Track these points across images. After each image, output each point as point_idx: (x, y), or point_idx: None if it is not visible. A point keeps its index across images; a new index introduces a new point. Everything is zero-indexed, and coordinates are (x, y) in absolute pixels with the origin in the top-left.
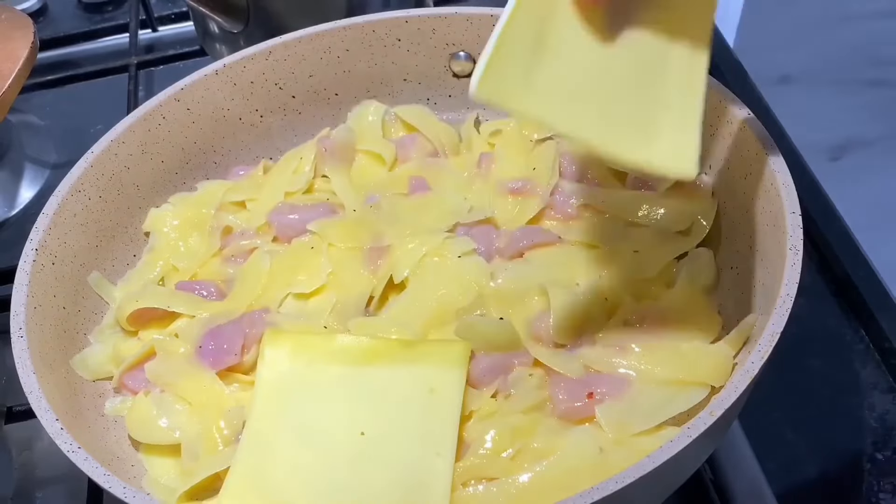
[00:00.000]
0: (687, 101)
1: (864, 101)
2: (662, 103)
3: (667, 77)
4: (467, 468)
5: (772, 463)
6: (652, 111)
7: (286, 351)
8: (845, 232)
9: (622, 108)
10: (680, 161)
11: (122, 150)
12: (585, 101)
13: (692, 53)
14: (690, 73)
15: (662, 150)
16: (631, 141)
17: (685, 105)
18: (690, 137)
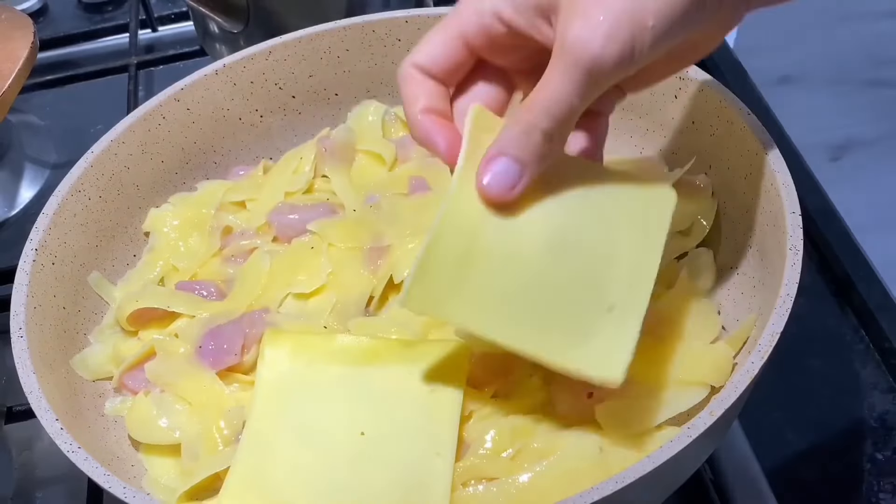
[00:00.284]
0: (631, 299)
1: (864, 101)
2: (602, 304)
3: (611, 274)
4: (467, 468)
5: (772, 463)
6: (589, 313)
7: (286, 351)
8: (845, 232)
9: (556, 311)
10: (607, 368)
11: (122, 150)
12: (516, 306)
13: (643, 246)
14: (639, 269)
15: (592, 354)
16: (560, 344)
17: (628, 305)
18: (625, 342)
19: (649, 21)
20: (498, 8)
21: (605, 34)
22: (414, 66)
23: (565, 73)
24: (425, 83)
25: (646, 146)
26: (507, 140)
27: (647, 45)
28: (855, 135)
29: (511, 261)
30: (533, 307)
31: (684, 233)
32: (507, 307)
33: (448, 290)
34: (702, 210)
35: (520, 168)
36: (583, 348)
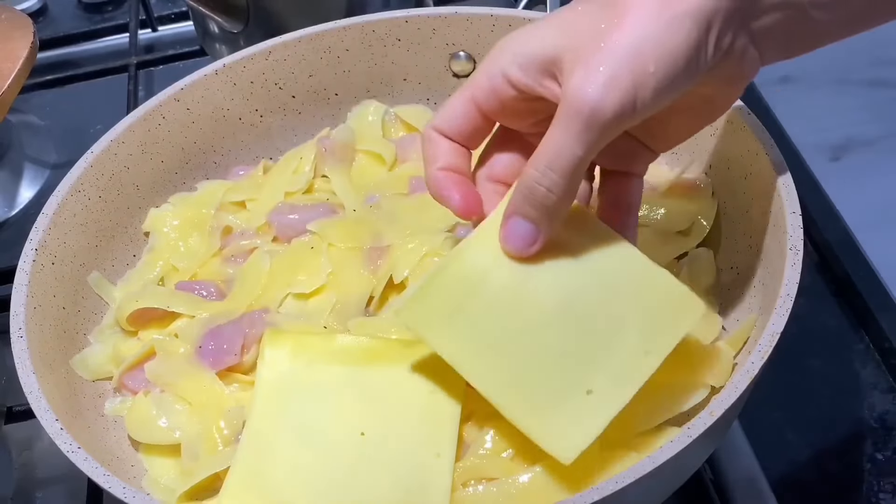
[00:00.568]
0: (612, 393)
1: (864, 101)
2: (582, 385)
3: (602, 360)
4: (467, 468)
5: (772, 463)
6: (566, 388)
7: (286, 351)
8: (845, 232)
9: (535, 375)
10: (562, 447)
11: (121, 150)
12: (499, 355)
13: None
14: (632, 368)
15: (553, 429)
16: (526, 408)
17: (606, 397)
18: (589, 431)
19: (650, 67)
20: (506, 70)
21: (605, 83)
22: (434, 129)
23: (566, 124)
24: (444, 144)
25: None
26: (519, 200)
27: (649, 93)
28: (855, 135)
29: (511, 311)
30: (514, 362)
31: (684, 233)
32: (491, 353)
33: (442, 318)
34: (702, 210)
35: (533, 227)
36: (547, 420)
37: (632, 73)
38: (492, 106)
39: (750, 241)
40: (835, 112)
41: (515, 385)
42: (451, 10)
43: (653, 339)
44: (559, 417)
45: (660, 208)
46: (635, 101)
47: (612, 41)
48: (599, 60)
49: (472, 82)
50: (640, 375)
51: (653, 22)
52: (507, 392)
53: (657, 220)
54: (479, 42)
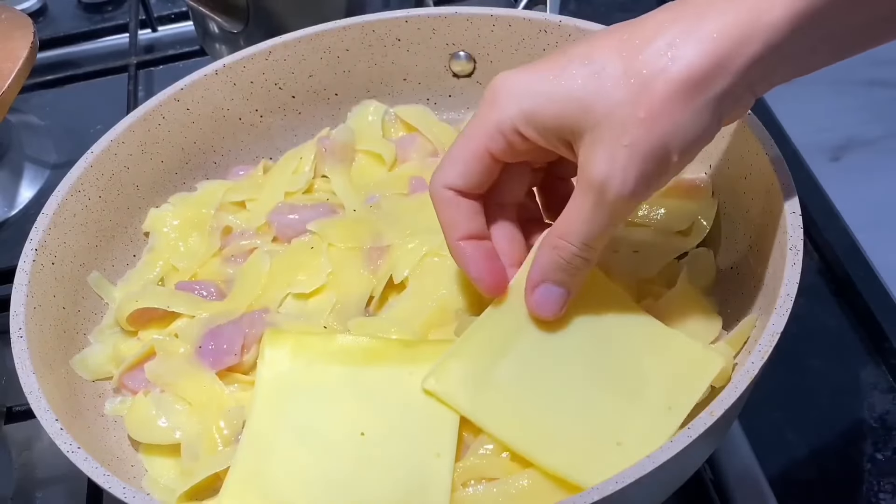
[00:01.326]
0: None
1: (864, 101)
2: (613, 437)
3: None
4: (467, 468)
5: (772, 463)
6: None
7: (286, 351)
8: (845, 232)
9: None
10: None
11: (121, 150)
12: (532, 415)
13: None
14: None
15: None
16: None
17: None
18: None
19: (674, 158)
20: (518, 127)
21: (636, 176)
22: (447, 187)
23: (595, 209)
24: (462, 206)
25: None
26: (550, 268)
27: (670, 176)
28: (855, 135)
29: (538, 374)
30: (546, 421)
31: (684, 233)
32: (523, 414)
33: (471, 384)
34: (702, 210)
35: (563, 290)
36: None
37: (658, 166)
38: (506, 155)
39: (750, 241)
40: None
41: (550, 441)
42: (451, 10)
43: (675, 395)
44: (594, 463)
45: (660, 208)
46: (659, 186)
47: (640, 135)
48: (627, 155)
49: (483, 134)
50: (666, 429)
51: (679, 113)
52: (544, 447)
53: (657, 220)
54: (479, 42)
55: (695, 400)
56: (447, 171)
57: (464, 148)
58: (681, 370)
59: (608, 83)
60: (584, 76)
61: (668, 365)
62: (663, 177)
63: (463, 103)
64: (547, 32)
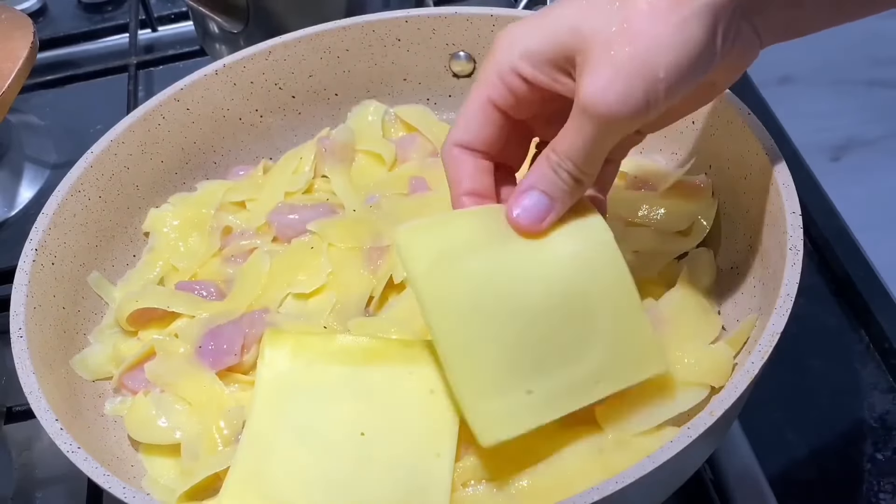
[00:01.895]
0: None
1: (864, 101)
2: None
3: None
4: (467, 468)
5: (772, 463)
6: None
7: (286, 351)
8: (845, 232)
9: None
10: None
11: (121, 150)
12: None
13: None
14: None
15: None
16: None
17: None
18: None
19: (660, 73)
20: (517, 67)
21: (619, 91)
22: (456, 144)
23: (584, 127)
24: (468, 162)
25: (646, 146)
26: (538, 176)
27: (660, 97)
28: (855, 135)
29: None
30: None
31: (684, 233)
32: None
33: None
34: (702, 210)
35: (549, 202)
36: (484, 400)
37: (643, 82)
38: (508, 103)
39: (750, 241)
40: (835, 112)
41: (469, 354)
42: (451, 10)
43: (608, 372)
44: (494, 404)
45: (660, 208)
46: (647, 105)
47: (623, 50)
48: (611, 72)
49: (484, 83)
50: (581, 399)
51: (661, 26)
52: (459, 357)
53: (657, 220)
54: (479, 42)
55: (621, 387)
56: (455, 130)
57: (468, 103)
58: (627, 354)
59: (596, 6)
60: (572, 6)
61: (618, 343)
62: (652, 96)
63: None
64: None
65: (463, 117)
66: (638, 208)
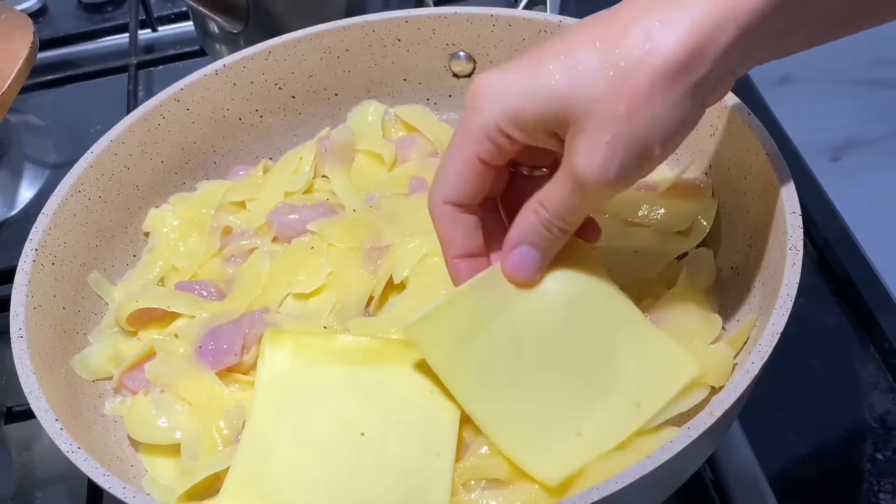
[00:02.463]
0: (600, 436)
1: (864, 101)
2: (574, 426)
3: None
4: (467, 469)
5: (772, 463)
6: (559, 427)
7: (286, 351)
8: (845, 232)
9: (530, 410)
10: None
11: (121, 150)
12: (498, 388)
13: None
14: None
15: (541, 461)
16: (518, 440)
17: (596, 440)
18: (576, 463)
19: (656, 150)
20: (504, 129)
21: (617, 166)
22: (445, 202)
23: (577, 192)
24: (459, 223)
25: None
26: (528, 231)
27: (653, 166)
28: (855, 135)
29: (515, 349)
30: (511, 398)
31: (684, 233)
32: (490, 386)
33: (449, 342)
34: (702, 210)
35: (541, 254)
36: (535, 453)
37: (640, 158)
38: (496, 159)
39: (750, 241)
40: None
41: (509, 418)
42: (451, 10)
43: (645, 394)
44: (549, 455)
45: (660, 208)
46: (641, 174)
47: (621, 128)
48: (610, 149)
49: (471, 141)
50: (628, 426)
51: (659, 105)
52: (501, 424)
53: (657, 220)
54: (479, 42)
55: (664, 401)
56: (443, 186)
57: (454, 159)
58: (657, 369)
59: (587, 77)
60: (561, 71)
61: (645, 362)
62: (646, 167)
63: (463, 103)
64: (547, 32)
65: (450, 173)
66: (638, 208)
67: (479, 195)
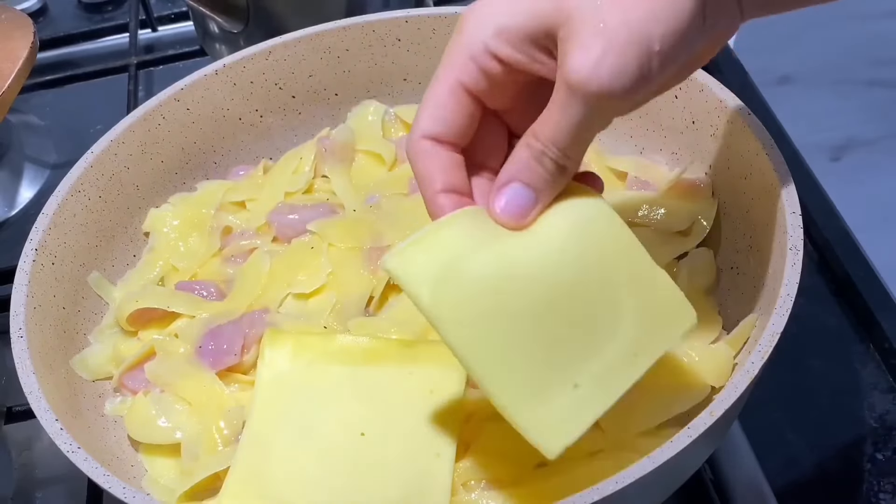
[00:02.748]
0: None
1: (864, 101)
2: (570, 378)
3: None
4: (467, 468)
5: (772, 463)
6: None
7: (286, 351)
8: (845, 232)
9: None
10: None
11: (121, 150)
12: (489, 331)
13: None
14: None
15: (540, 420)
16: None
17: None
18: (575, 425)
19: (655, 46)
20: (491, 47)
21: (612, 65)
22: (424, 136)
23: (572, 107)
24: (439, 156)
25: (646, 146)
26: (519, 167)
27: (655, 71)
28: (855, 135)
29: (504, 288)
30: (503, 342)
31: (684, 233)
32: (480, 329)
33: (433, 278)
34: (702, 210)
35: (533, 195)
36: (535, 409)
37: (638, 57)
38: (481, 88)
39: (750, 241)
40: (835, 112)
41: (503, 367)
42: (451, 10)
43: (644, 341)
44: (546, 410)
45: (660, 208)
46: (642, 80)
47: (615, 19)
48: (602, 43)
49: (453, 65)
50: (627, 377)
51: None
52: (495, 373)
53: (657, 220)
54: None
55: (661, 351)
56: (422, 119)
57: (435, 88)
58: (655, 315)
59: None
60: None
61: (644, 306)
62: (646, 70)
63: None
64: None
65: (430, 105)
66: (638, 208)
67: (461, 132)
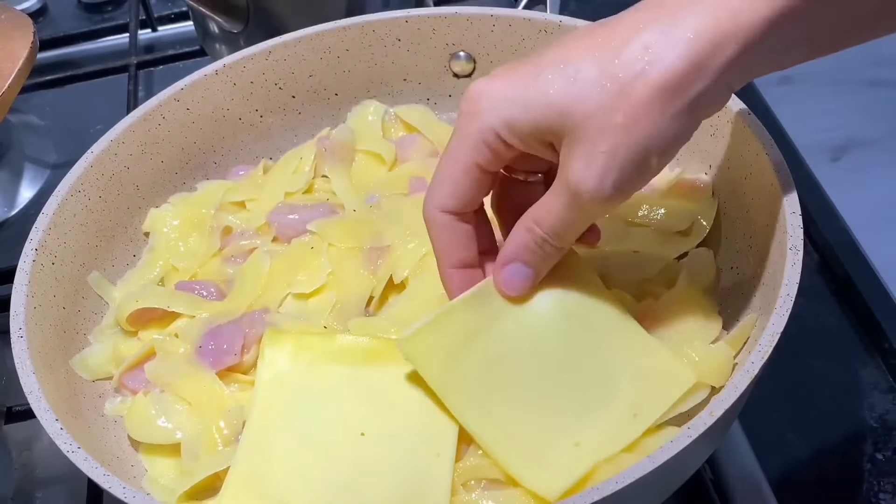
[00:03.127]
0: (598, 446)
1: (864, 101)
2: (572, 437)
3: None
4: (467, 468)
5: (772, 463)
6: (556, 439)
7: (286, 351)
8: (845, 232)
9: (527, 423)
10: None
11: (121, 150)
12: (494, 400)
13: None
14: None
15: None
16: (515, 452)
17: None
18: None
19: (653, 161)
20: (502, 136)
21: (615, 180)
22: (441, 210)
23: (573, 207)
24: (455, 232)
25: None
26: (520, 249)
27: (649, 180)
28: (855, 135)
29: (509, 361)
30: (507, 410)
31: (684, 233)
32: (485, 399)
33: (442, 357)
34: (702, 210)
35: (532, 273)
36: (533, 465)
37: (638, 171)
38: (493, 165)
39: (750, 241)
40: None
41: (506, 432)
42: (451, 10)
43: (642, 403)
44: (545, 463)
45: (660, 208)
46: (638, 187)
47: (618, 139)
48: (607, 161)
49: (468, 147)
50: (626, 436)
51: (658, 118)
52: (497, 437)
53: (657, 220)
54: (479, 42)
55: (661, 411)
56: (439, 193)
57: (451, 166)
58: (653, 379)
59: (584, 87)
60: (559, 81)
61: (641, 371)
62: (642, 180)
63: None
64: (547, 32)
65: (446, 181)
66: (638, 208)
67: (476, 202)
